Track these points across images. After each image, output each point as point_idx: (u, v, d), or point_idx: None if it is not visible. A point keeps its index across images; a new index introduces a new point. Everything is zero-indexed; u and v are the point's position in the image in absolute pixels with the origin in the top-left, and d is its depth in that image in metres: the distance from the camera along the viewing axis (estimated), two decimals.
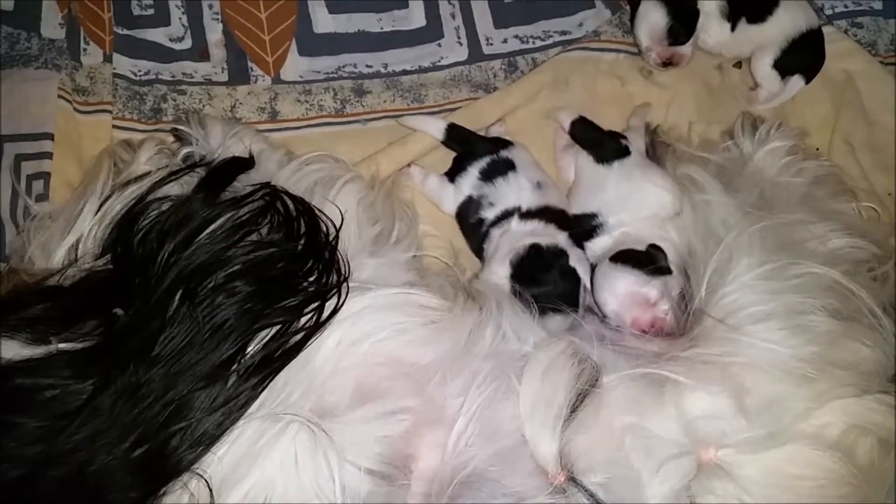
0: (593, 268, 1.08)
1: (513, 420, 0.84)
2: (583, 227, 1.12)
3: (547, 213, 1.11)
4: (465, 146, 1.19)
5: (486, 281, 1.07)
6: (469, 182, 1.15)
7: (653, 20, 1.24)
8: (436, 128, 1.20)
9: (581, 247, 1.12)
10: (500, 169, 1.14)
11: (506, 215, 1.11)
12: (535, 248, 1.06)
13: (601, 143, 1.17)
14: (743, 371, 0.85)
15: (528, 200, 1.11)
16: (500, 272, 1.06)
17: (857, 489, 0.81)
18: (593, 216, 1.12)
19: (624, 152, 1.15)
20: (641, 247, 1.06)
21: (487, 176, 1.14)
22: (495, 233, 1.11)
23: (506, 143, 1.18)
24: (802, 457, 0.82)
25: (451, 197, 1.16)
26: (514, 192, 1.12)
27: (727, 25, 1.26)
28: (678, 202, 1.08)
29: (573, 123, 1.20)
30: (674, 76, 1.30)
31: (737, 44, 1.29)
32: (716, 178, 1.07)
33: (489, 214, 1.13)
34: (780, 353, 0.85)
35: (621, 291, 1.02)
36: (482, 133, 1.24)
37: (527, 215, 1.11)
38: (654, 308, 1.01)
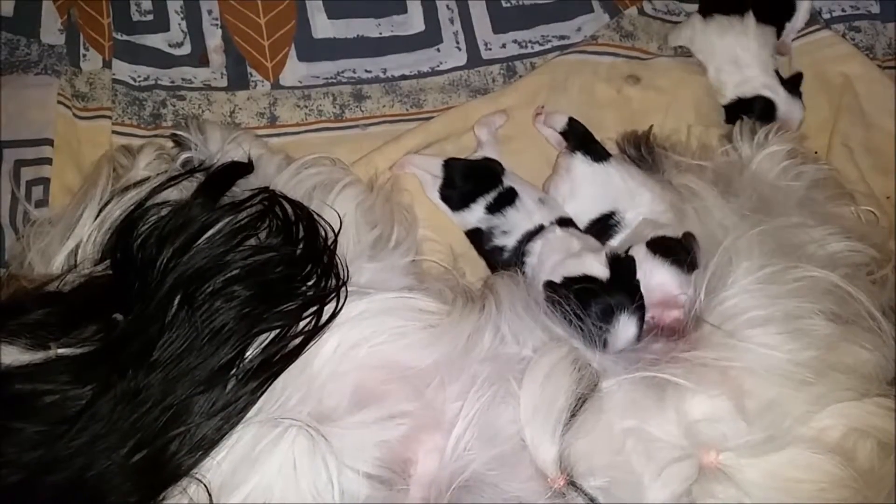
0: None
1: (512, 424, 0.84)
2: (602, 231, 1.11)
3: (570, 222, 1.11)
4: (465, 182, 1.16)
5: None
6: (475, 216, 1.14)
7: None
8: (435, 167, 1.18)
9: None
10: (506, 199, 1.13)
11: (530, 237, 1.09)
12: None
13: (595, 142, 1.17)
14: (742, 375, 0.85)
15: (544, 217, 1.10)
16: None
17: (856, 492, 0.81)
18: (610, 216, 1.11)
19: (608, 153, 1.16)
20: (671, 232, 1.02)
21: (495, 208, 1.13)
22: (535, 247, 1.08)
23: (501, 168, 1.16)
24: (802, 460, 0.82)
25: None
26: (524, 216, 1.11)
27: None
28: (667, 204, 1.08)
29: (568, 123, 1.19)
30: (672, 80, 1.30)
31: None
32: (713, 184, 1.07)
33: (508, 241, 1.11)
34: (779, 358, 0.84)
35: (655, 288, 0.99)
36: (478, 126, 1.23)
37: (564, 223, 1.10)
38: (677, 309, 0.97)
